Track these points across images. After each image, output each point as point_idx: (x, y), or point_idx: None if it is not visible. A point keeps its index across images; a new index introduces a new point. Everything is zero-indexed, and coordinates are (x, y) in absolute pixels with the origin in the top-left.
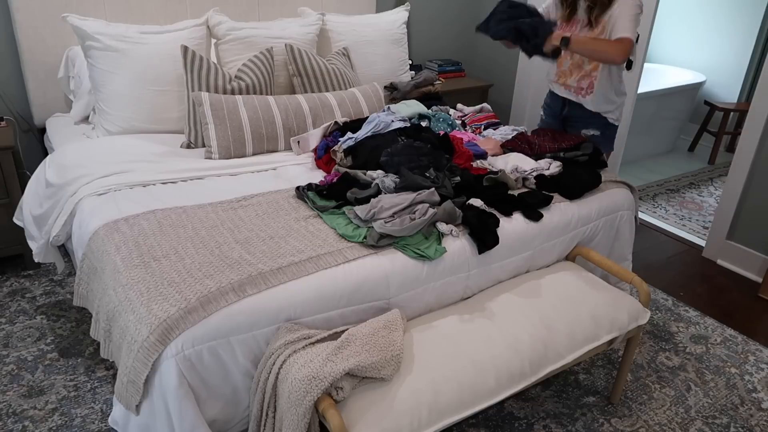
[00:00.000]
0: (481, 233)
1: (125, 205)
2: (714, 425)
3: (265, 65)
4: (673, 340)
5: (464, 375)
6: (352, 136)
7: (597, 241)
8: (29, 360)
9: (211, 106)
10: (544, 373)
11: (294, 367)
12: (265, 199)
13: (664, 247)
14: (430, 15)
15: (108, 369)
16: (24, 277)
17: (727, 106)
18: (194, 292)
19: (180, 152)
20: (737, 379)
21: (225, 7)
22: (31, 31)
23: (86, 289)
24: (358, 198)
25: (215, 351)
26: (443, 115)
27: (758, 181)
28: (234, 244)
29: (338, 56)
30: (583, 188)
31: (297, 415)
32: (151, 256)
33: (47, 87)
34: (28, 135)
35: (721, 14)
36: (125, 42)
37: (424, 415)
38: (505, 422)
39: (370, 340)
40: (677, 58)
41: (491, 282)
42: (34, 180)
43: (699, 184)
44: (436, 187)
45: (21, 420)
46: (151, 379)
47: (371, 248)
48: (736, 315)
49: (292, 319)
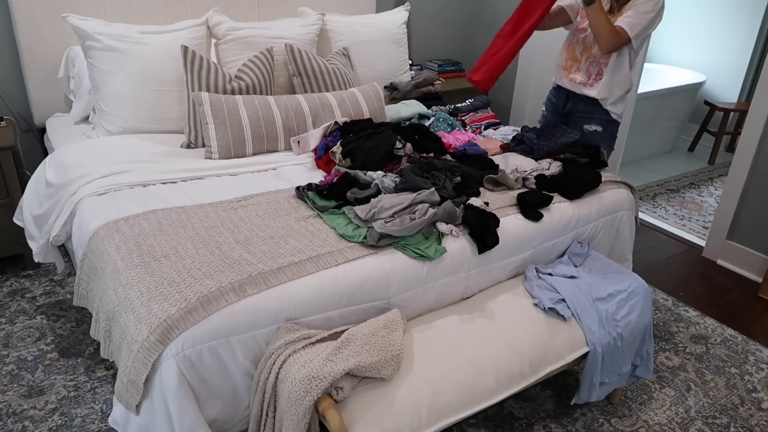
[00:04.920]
0: (481, 233)
1: (125, 205)
2: (714, 425)
3: (265, 65)
4: (673, 340)
5: (464, 375)
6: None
7: (597, 241)
8: (29, 360)
9: (211, 106)
10: (544, 373)
11: (294, 367)
12: (265, 199)
13: (664, 247)
14: (430, 15)
15: (108, 369)
16: (24, 277)
17: (727, 106)
18: (194, 292)
19: (180, 152)
20: (737, 379)
21: (225, 7)
22: (31, 31)
23: (86, 289)
24: (358, 198)
25: (215, 351)
26: (443, 115)
27: (758, 181)
28: (234, 244)
29: (338, 56)
30: (583, 188)
31: (297, 415)
32: (151, 256)
33: (47, 87)
34: (28, 135)
35: (721, 14)
36: (125, 42)
37: (424, 414)
38: (505, 422)
39: (370, 340)
40: (677, 58)
41: (491, 282)
42: (34, 180)
43: (699, 184)
44: (437, 188)
45: (21, 420)
46: (151, 379)
47: (371, 248)
48: (736, 315)
49: (292, 319)
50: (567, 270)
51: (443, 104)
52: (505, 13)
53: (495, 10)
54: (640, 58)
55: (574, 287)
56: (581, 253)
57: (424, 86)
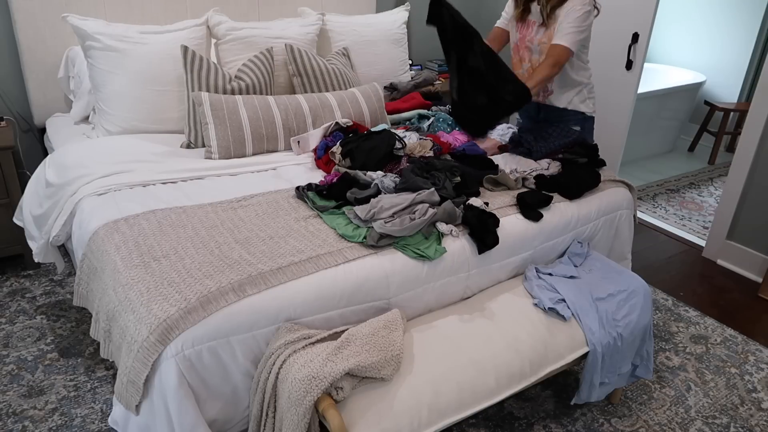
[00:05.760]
0: (481, 233)
1: (125, 205)
2: (714, 425)
3: (265, 65)
4: (673, 340)
5: (464, 375)
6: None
7: (597, 240)
8: (29, 360)
9: (211, 106)
10: (544, 373)
11: (294, 367)
12: (265, 199)
13: (664, 247)
14: None
15: (108, 369)
16: (24, 277)
17: (727, 106)
18: (194, 292)
19: (180, 152)
20: (737, 379)
21: (225, 7)
22: (31, 31)
23: (86, 289)
24: (358, 198)
25: (215, 351)
26: (443, 115)
27: (758, 181)
28: (234, 244)
29: (338, 56)
30: (583, 188)
31: (297, 415)
32: (151, 256)
33: (47, 87)
34: (28, 135)
35: (721, 14)
36: (125, 42)
37: (424, 414)
38: (505, 422)
39: (370, 340)
40: (677, 58)
41: (491, 282)
42: (34, 180)
43: (699, 184)
44: (436, 188)
45: (21, 420)
46: (151, 379)
47: (371, 248)
48: (736, 315)
49: (292, 319)
50: (567, 270)
51: (443, 104)
52: None
53: (495, 10)
54: (639, 59)
55: (574, 287)
56: (581, 253)
57: (424, 86)
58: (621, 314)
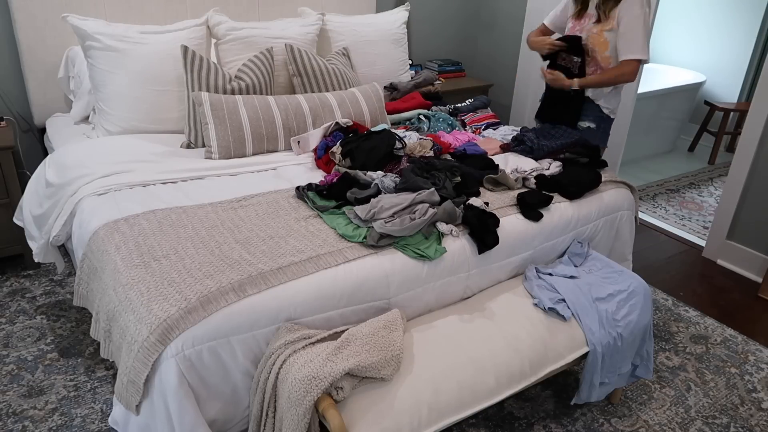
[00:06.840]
0: (481, 233)
1: (125, 205)
2: (714, 425)
3: (265, 65)
4: (673, 340)
5: (464, 375)
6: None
7: (597, 240)
8: (29, 360)
9: (211, 106)
10: (544, 373)
11: (294, 367)
12: (265, 199)
13: (664, 247)
14: (430, 15)
15: (108, 369)
16: (24, 277)
17: (727, 106)
18: (194, 292)
19: (180, 152)
20: (737, 379)
21: (225, 7)
22: (31, 31)
23: (86, 289)
24: (358, 198)
25: (215, 351)
26: (443, 115)
27: (758, 181)
28: (234, 244)
29: (338, 56)
30: (583, 188)
31: (297, 415)
32: (151, 256)
33: (47, 87)
34: (28, 135)
35: (721, 14)
36: (125, 42)
37: (424, 414)
38: (505, 422)
39: (370, 340)
40: (677, 58)
41: (491, 282)
42: (34, 180)
43: (699, 184)
44: (437, 188)
45: (21, 420)
46: (151, 379)
47: (371, 248)
48: (736, 315)
49: (292, 319)
50: (567, 270)
51: (443, 104)
52: (505, 13)
53: (495, 10)
54: None
55: (574, 287)
56: (581, 253)
57: (424, 86)
58: (621, 314)
